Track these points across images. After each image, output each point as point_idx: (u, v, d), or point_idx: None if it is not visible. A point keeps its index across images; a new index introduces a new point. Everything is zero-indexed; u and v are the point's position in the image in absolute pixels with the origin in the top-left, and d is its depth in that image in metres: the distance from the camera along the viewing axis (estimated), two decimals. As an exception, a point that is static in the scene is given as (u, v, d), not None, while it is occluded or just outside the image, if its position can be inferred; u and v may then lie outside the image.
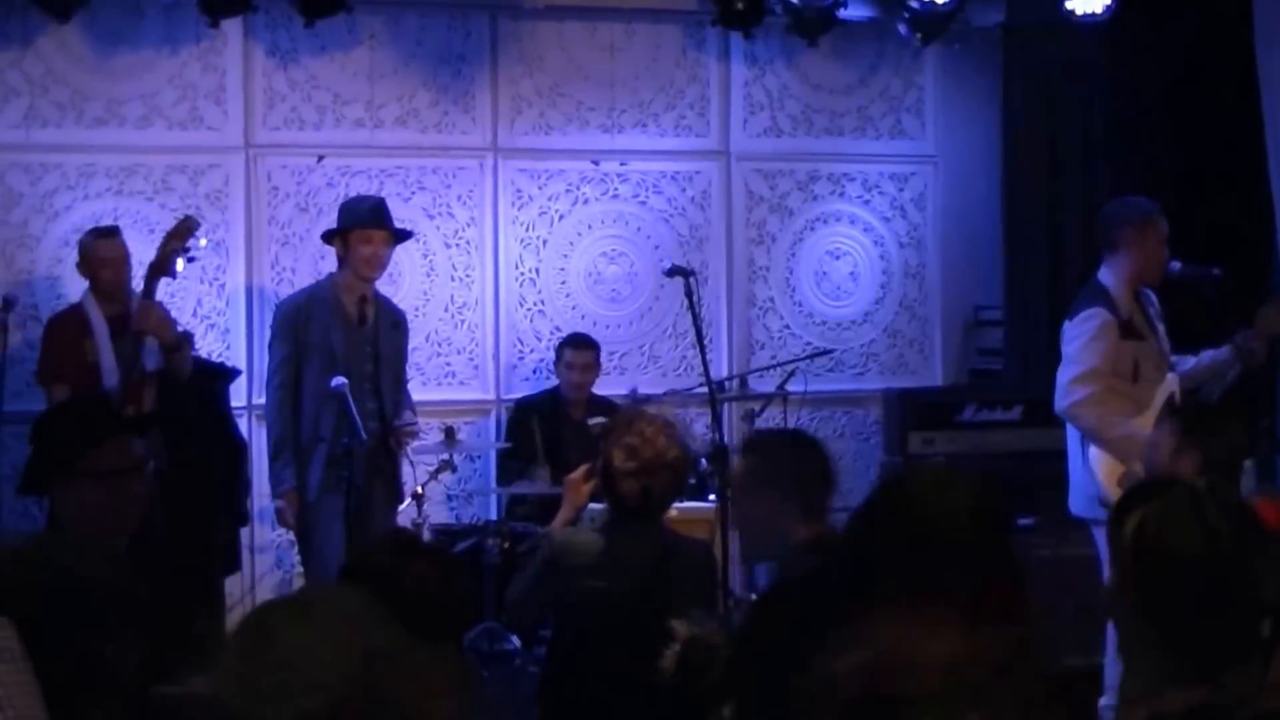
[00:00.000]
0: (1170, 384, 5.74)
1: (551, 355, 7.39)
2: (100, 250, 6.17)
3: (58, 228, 6.94)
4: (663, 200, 7.83)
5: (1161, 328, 5.79)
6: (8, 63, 6.96)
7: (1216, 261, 5.89)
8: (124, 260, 6.21)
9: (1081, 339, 5.59)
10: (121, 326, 5.98)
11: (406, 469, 6.38)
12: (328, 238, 6.37)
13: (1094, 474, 5.54)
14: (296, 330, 6.09)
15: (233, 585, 6.80)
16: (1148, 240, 5.68)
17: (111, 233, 6.26)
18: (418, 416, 6.46)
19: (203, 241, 6.16)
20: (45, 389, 6.15)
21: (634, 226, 7.79)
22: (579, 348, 7.23)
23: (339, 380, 5.94)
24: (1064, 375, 5.59)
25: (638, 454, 4.07)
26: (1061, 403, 5.59)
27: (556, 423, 7.13)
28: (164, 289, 6.06)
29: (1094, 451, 5.54)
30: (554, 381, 7.36)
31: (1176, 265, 5.79)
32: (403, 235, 6.47)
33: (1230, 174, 7.01)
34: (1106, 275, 5.68)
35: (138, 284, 6.12)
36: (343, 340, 6.11)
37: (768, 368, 7.56)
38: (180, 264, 5.93)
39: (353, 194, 7.00)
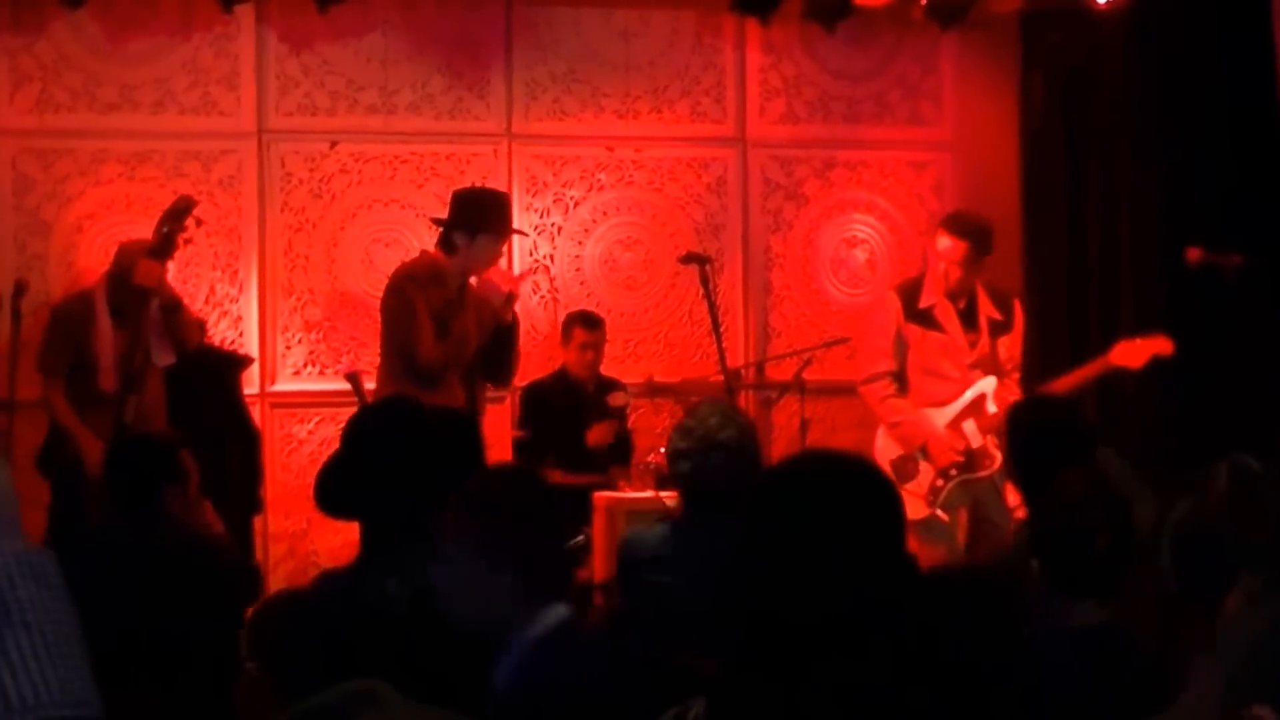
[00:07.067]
0: (984, 386, 6.05)
1: (567, 342, 7.35)
2: (145, 270, 5.80)
3: (70, 214, 6.91)
4: (678, 187, 7.77)
5: (988, 331, 6.14)
6: (20, 48, 6.93)
7: (1238, 249, 5.84)
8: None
9: (869, 321, 6.39)
10: (122, 318, 5.90)
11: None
12: (461, 226, 5.91)
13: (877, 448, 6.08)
14: (423, 297, 5.79)
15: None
16: (935, 256, 6.16)
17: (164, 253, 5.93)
18: None
19: (199, 222, 6.05)
20: (44, 380, 6.09)
21: (649, 213, 7.74)
22: (592, 326, 7.14)
23: (352, 371, 5.95)
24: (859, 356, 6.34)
25: (691, 434, 3.95)
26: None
27: (574, 399, 7.08)
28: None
29: (880, 430, 6.13)
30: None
31: (1197, 252, 5.75)
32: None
33: (1253, 161, 6.94)
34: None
35: None
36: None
37: (784, 356, 7.49)
38: (178, 243, 5.84)
39: (366, 180, 7.00)
